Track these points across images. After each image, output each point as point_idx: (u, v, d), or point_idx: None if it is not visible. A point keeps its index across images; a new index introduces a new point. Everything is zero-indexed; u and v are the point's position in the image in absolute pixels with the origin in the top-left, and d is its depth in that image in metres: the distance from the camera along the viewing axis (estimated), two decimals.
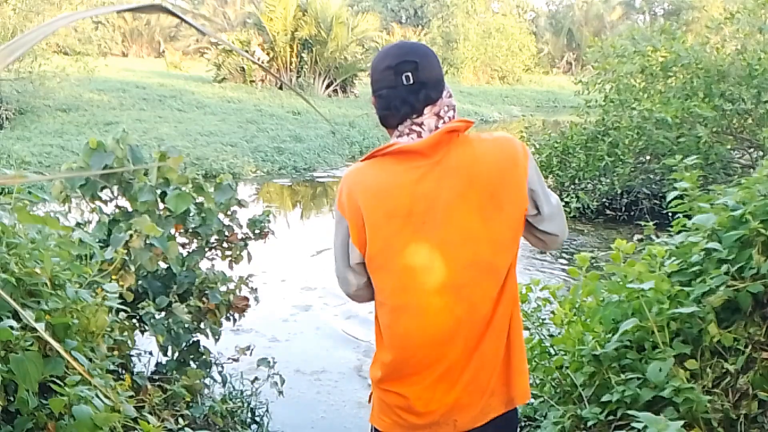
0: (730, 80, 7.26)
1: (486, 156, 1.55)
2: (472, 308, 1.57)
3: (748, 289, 2.07)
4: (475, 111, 22.10)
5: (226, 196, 3.53)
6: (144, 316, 3.01)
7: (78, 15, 0.79)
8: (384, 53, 1.62)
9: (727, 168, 7.46)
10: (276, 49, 20.68)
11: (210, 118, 15.00)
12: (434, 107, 1.57)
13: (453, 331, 1.57)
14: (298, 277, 6.23)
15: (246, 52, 12.30)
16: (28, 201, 2.30)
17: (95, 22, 24.91)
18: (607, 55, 8.41)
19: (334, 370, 4.48)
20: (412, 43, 1.65)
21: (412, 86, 1.54)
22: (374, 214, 1.55)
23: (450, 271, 1.54)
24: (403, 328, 1.60)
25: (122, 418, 2.02)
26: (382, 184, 1.55)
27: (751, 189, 2.28)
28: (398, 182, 1.54)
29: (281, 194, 10.83)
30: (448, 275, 1.55)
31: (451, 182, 1.53)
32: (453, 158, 1.53)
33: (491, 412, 1.66)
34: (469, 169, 1.53)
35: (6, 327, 1.80)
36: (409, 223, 1.54)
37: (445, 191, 1.53)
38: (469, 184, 1.52)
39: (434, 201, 1.53)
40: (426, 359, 1.60)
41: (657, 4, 40.37)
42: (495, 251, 1.56)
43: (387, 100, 1.57)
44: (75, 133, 12.32)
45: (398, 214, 1.54)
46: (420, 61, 1.55)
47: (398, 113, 1.57)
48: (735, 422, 2.02)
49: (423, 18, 41.27)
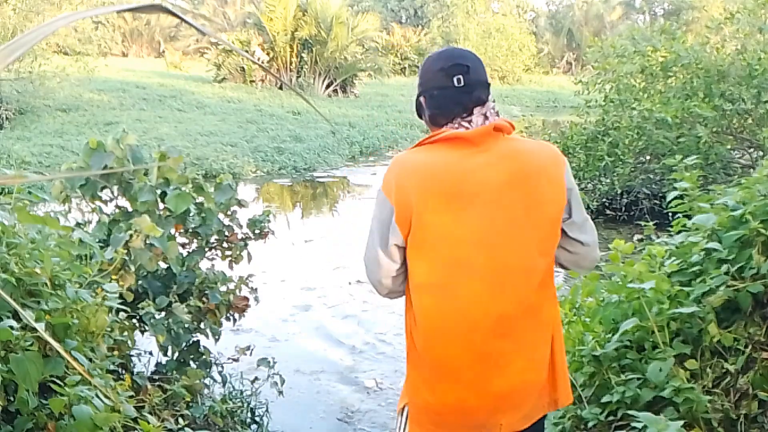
0: (730, 80, 7.25)
1: (530, 152, 1.63)
2: (516, 300, 1.59)
3: (748, 289, 2.07)
4: None
5: (226, 196, 3.53)
6: (144, 316, 3.01)
7: (78, 15, 0.79)
8: (436, 56, 1.72)
9: (727, 168, 7.45)
10: (276, 49, 20.68)
11: (210, 118, 15.01)
12: (482, 108, 1.64)
13: (495, 323, 1.58)
14: (298, 277, 6.23)
15: (246, 52, 12.30)
16: (28, 201, 2.30)
17: (95, 22, 24.91)
18: (607, 55, 8.40)
19: (333, 370, 4.49)
20: (462, 48, 1.77)
21: (464, 88, 1.63)
22: (423, 194, 1.58)
23: (494, 255, 1.57)
24: (441, 310, 1.60)
25: (122, 418, 2.02)
26: (432, 166, 1.60)
27: (751, 189, 2.28)
28: (448, 165, 1.59)
29: (281, 194, 10.83)
30: (492, 258, 1.57)
31: (498, 169, 1.58)
32: (499, 149, 1.61)
33: (536, 415, 1.68)
34: (514, 161, 1.60)
35: (6, 327, 1.80)
36: (458, 204, 1.58)
37: (493, 177, 1.58)
38: (515, 174, 1.58)
39: (483, 185, 1.58)
40: (467, 349, 1.60)
41: (657, 4, 40.36)
42: (537, 242, 1.60)
43: (439, 99, 1.66)
44: (75, 133, 12.33)
45: (447, 194, 1.58)
46: (471, 65, 1.65)
47: (449, 112, 1.65)
48: (735, 422, 2.02)
49: (423, 18, 41.27)
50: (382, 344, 4.92)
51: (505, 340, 1.59)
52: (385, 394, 4.17)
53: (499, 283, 1.58)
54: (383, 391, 4.21)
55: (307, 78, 20.84)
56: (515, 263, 1.58)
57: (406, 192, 1.59)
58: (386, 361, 4.63)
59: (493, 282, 1.57)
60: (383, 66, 23.55)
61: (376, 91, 22.51)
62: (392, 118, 17.63)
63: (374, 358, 4.68)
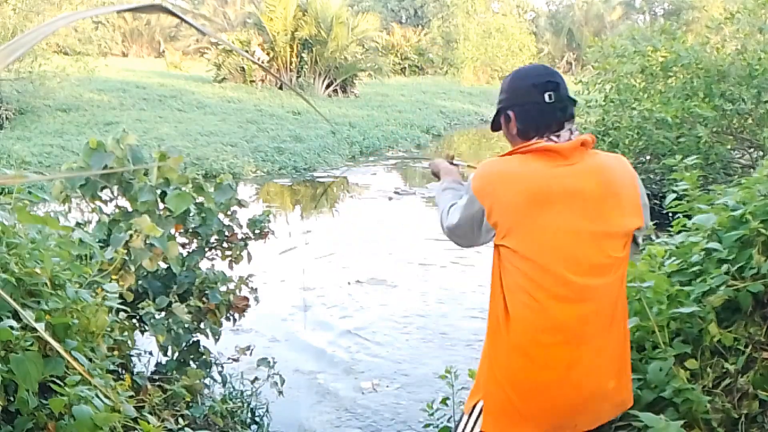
0: (730, 80, 7.24)
1: (613, 167, 1.74)
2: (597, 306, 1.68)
3: (748, 289, 2.07)
4: (475, 111, 22.07)
5: (226, 196, 3.53)
6: (144, 316, 3.01)
7: (78, 15, 0.79)
8: (525, 73, 1.82)
9: (727, 168, 7.44)
10: (276, 49, 20.68)
11: (210, 118, 15.00)
12: (569, 124, 1.75)
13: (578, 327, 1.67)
14: (298, 277, 6.23)
15: (246, 52, 12.31)
16: (28, 201, 2.30)
17: (95, 22, 24.89)
18: (607, 55, 8.40)
19: (332, 370, 4.49)
20: (548, 66, 1.87)
21: (555, 104, 1.73)
22: (514, 199, 1.66)
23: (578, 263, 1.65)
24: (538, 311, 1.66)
25: (122, 418, 2.02)
26: (524, 173, 1.68)
27: (751, 189, 2.28)
28: (539, 173, 1.68)
29: (281, 194, 10.83)
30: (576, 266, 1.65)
31: (586, 181, 1.68)
32: (586, 163, 1.71)
33: (606, 416, 1.77)
34: (600, 175, 1.70)
35: (6, 327, 1.80)
36: (547, 210, 1.64)
37: (581, 188, 1.67)
38: (602, 187, 1.69)
39: (572, 195, 1.66)
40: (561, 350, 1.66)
41: (657, 4, 40.36)
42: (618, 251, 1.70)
43: (533, 114, 1.75)
44: (75, 133, 12.32)
45: (538, 200, 1.65)
46: (560, 83, 1.76)
47: (544, 127, 1.73)
48: (736, 422, 2.02)
49: (423, 18, 41.29)
50: (381, 345, 4.92)
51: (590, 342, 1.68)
52: (383, 395, 4.17)
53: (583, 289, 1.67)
54: (381, 391, 4.21)
55: (307, 78, 20.84)
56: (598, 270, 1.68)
57: (496, 195, 1.68)
58: (385, 362, 4.63)
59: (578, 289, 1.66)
60: (383, 66, 23.56)
61: (376, 91, 22.51)
62: (392, 118, 17.63)
63: (373, 359, 4.68)
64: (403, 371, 4.47)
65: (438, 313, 5.54)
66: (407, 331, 5.18)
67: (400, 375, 4.42)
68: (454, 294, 5.97)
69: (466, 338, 4.96)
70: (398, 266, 6.71)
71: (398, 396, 4.15)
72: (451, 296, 5.92)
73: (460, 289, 6.06)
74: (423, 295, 5.95)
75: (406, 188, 11.06)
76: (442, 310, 5.60)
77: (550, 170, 1.67)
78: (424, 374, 4.34)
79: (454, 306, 5.69)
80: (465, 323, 5.26)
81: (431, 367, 4.34)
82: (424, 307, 5.68)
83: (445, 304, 5.74)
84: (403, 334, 5.11)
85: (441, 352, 4.73)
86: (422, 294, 5.98)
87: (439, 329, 5.18)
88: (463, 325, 5.22)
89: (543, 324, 1.66)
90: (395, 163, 13.68)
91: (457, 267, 6.75)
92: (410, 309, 5.59)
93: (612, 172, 1.72)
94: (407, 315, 5.46)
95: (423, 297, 5.91)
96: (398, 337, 5.06)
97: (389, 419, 3.88)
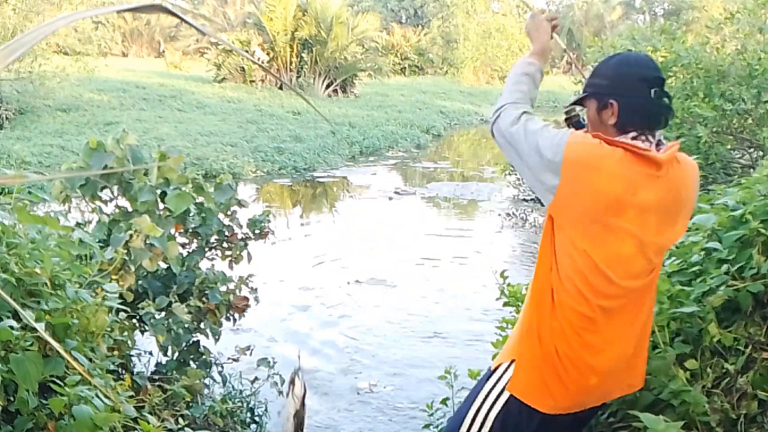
0: (730, 80, 7.24)
1: (690, 182, 1.74)
2: (633, 300, 1.73)
3: (748, 289, 2.07)
4: (475, 111, 22.08)
5: (226, 196, 3.53)
6: (144, 316, 3.01)
7: (78, 15, 0.79)
8: (633, 62, 1.73)
9: (727, 168, 7.44)
10: (276, 49, 20.68)
11: (210, 118, 15.00)
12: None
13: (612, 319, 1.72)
14: (297, 277, 6.23)
15: (246, 52, 12.32)
16: (28, 201, 2.30)
17: (95, 22, 24.91)
18: (607, 55, 8.39)
19: (330, 370, 4.49)
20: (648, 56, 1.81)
21: (659, 101, 1.66)
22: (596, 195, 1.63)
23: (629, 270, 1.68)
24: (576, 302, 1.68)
25: (122, 418, 2.02)
26: (617, 174, 1.62)
27: (751, 189, 2.28)
28: (630, 179, 1.63)
29: (281, 194, 10.83)
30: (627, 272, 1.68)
31: (666, 193, 1.67)
32: (672, 177, 1.68)
33: (616, 395, 1.88)
34: (678, 192, 1.70)
35: (6, 327, 1.80)
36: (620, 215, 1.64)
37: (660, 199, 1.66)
38: (677, 203, 1.70)
39: (649, 207, 1.65)
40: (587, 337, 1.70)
41: (657, 4, 40.37)
42: (662, 257, 1.77)
43: (635, 109, 1.67)
44: (75, 133, 12.32)
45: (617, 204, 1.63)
46: (664, 78, 1.70)
47: (642, 125, 1.67)
48: (735, 422, 2.02)
49: (423, 18, 41.28)
50: (381, 345, 4.92)
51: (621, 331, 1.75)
52: (380, 395, 4.17)
53: (624, 289, 1.70)
54: (379, 392, 4.21)
55: (307, 78, 20.84)
56: (643, 270, 1.71)
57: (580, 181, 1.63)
58: (382, 363, 4.63)
59: (620, 289, 1.70)
60: (383, 66, 23.57)
61: (376, 91, 22.52)
62: (392, 118, 17.63)
63: (371, 359, 4.68)
64: (402, 371, 4.48)
65: (438, 313, 5.54)
66: (406, 331, 5.18)
67: (397, 376, 4.42)
68: (454, 294, 5.97)
69: (466, 338, 4.96)
70: (398, 266, 6.71)
71: (396, 396, 4.15)
72: (451, 296, 5.93)
73: (460, 290, 6.06)
74: (422, 295, 5.95)
75: (406, 188, 11.07)
76: (441, 310, 5.60)
77: (642, 179, 1.63)
78: (424, 374, 4.34)
79: (454, 306, 5.70)
80: (465, 323, 5.27)
81: (431, 368, 4.34)
82: (423, 307, 5.68)
83: (444, 305, 5.75)
84: (402, 334, 5.12)
85: (440, 352, 4.73)
86: (422, 294, 5.98)
87: (439, 329, 5.18)
88: (463, 326, 5.22)
89: (584, 317, 1.69)
90: (396, 162, 13.69)
91: (457, 267, 6.75)
92: (410, 309, 5.60)
93: (687, 188, 1.72)
94: (407, 315, 5.47)
95: (422, 297, 5.91)
96: (398, 337, 5.06)
97: (387, 420, 3.88)
